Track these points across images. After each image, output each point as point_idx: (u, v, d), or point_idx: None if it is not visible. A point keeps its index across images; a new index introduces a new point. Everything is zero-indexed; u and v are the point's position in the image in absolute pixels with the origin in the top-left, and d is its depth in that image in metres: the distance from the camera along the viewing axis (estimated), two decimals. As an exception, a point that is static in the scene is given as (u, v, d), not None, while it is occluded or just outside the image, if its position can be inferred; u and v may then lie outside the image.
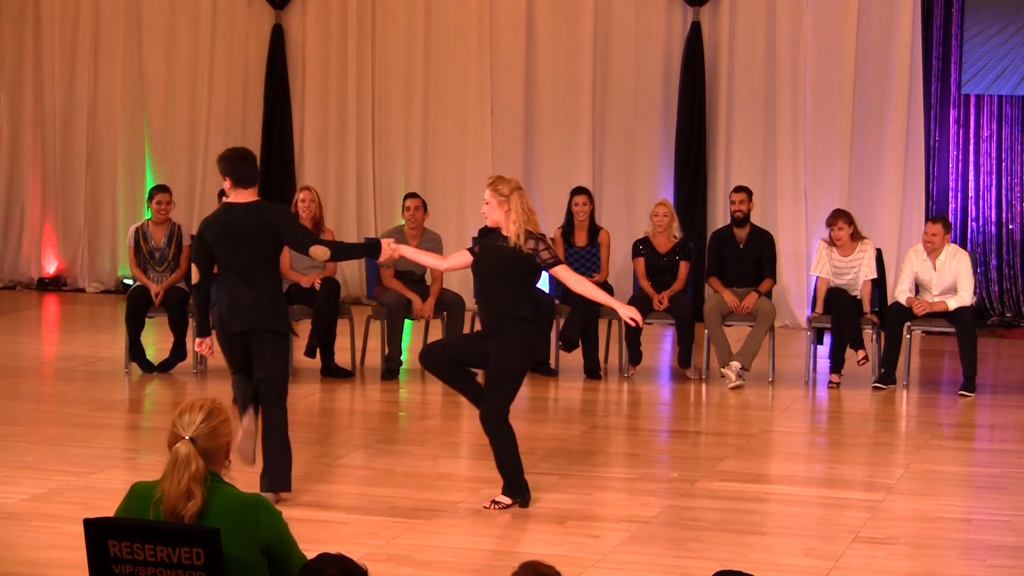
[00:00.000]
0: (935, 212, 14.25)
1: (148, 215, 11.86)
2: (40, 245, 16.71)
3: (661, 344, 13.31)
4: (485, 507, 7.65)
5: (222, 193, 11.73)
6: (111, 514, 4.53)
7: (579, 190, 12.06)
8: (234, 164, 7.77)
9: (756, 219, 12.01)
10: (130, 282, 13.69)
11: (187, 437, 4.43)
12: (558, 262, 7.74)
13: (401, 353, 11.45)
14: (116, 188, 16.47)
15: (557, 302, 11.75)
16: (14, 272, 16.80)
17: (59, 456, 8.69)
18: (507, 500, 7.69)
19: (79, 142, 16.60)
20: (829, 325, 11.34)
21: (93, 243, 16.56)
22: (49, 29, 16.63)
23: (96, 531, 4.39)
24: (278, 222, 7.74)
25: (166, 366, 11.48)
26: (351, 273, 15.49)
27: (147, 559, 4.33)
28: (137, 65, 16.40)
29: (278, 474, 7.69)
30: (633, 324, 8.04)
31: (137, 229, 11.67)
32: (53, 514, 7.40)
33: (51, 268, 16.65)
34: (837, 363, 11.36)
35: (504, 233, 7.73)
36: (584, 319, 11.41)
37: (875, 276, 11.39)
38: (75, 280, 16.59)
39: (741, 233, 11.68)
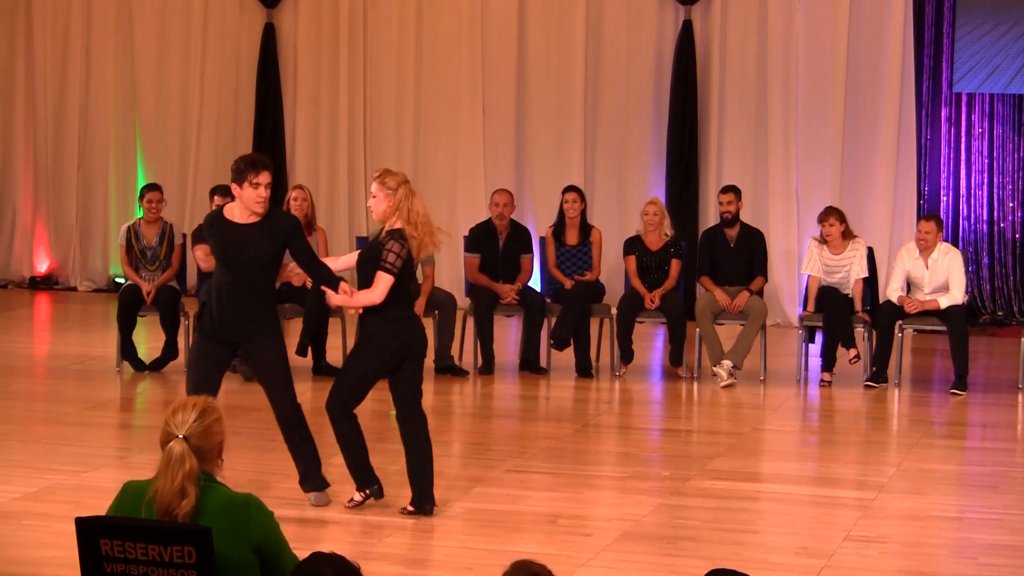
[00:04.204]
0: (927, 210, 14.22)
1: (140, 214, 11.84)
2: (32, 244, 16.68)
3: (653, 343, 13.30)
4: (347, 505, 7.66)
5: (213, 192, 11.74)
6: (103, 513, 4.53)
7: (570, 188, 12.06)
8: None
9: (748, 218, 12.01)
10: (121, 281, 13.67)
11: (180, 436, 4.43)
12: (388, 271, 7.41)
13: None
14: (108, 187, 16.44)
15: (548, 301, 11.74)
16: (6, 271, 16.76)
17: (51, 455, 8.68)
18: (358, 496, 7.71)
19: (71, 141, 16.57)
20: (821, 323, 11.34)
21: (85, 242, 16.53)
22: (41, 28, 16.59)
23: (88, 530, 4.39)
24: None
25: (158, 365, 11.46)
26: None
27: (139, 558, 4.33)
28: (129, 64, 16.37)
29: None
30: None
31: (129, 228, 11.66)
32: (45, 513, 7.40)
33: (43, 267, 16.62)
34: (829, 361, 11.37)
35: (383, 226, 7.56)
36: (576, 318, 11.41)
37: (866, 275, 11.40)
38: (67, 279, 16.56)
39: (731, 232, 11.68)
